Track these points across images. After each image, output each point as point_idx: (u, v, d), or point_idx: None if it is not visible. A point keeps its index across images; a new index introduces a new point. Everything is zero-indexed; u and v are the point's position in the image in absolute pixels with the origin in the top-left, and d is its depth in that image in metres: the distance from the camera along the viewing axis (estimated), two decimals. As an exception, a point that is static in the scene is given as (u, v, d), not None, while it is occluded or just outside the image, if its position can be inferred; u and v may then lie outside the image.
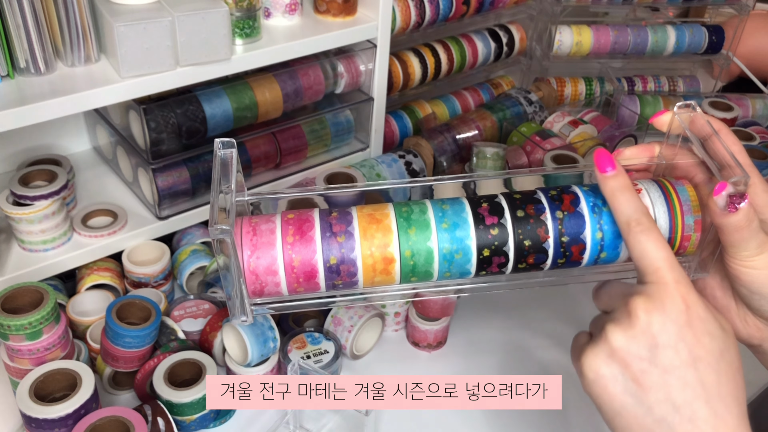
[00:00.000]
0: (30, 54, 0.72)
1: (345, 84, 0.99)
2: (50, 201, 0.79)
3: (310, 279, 0.53)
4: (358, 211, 0.54)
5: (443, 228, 0.53)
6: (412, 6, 1.13)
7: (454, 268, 0.53)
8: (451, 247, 0.52)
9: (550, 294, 0.98)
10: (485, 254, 0.53)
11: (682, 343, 0.44)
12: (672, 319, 0.44)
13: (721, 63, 1.47)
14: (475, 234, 0.52)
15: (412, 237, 0.52)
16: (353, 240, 0.52)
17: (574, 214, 0.52)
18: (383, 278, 0.54)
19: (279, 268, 0.52)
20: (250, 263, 0.52)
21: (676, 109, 0.54)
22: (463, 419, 0.78)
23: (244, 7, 0.82)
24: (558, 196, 0.53)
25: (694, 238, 0.53)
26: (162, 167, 0.86)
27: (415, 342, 0.88)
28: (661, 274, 0.45)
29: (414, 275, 0.54)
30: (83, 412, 0.65)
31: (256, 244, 0.52)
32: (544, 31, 1.35)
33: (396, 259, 0.52)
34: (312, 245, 0.52)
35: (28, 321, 0.66)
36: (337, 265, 0.52)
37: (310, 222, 0.53)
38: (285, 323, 0.86)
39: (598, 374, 0.46)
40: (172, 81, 0.78)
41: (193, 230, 0.95)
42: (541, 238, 0.52)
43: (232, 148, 0.55)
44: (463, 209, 0.54)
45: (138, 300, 0.76)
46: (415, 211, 0.54)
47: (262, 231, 0.52)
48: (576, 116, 1.23)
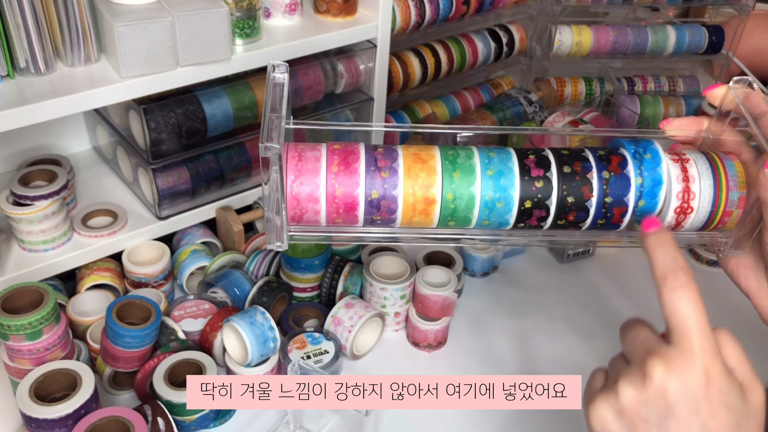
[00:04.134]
0: (30, 54, 0.72)
1: (345, 84, 0.99)
2: (50, 201, 0.79)
3: (350, 211, 0.52)
4: (404, 149, 0.54)
5: (488, 175, 0.52)
6: (412, 6, 1.13)
7: (493, 217, 0.53)
8: (493, 195, 0.52)
9: (550, 294, 0.98)
10: (527, 206, 0.52)
11: (695, 417, 0.42)
12: (689, 390, 0.42)
13: (721, 63, 1.47)
14: (519, 184, 0.52)
15: (456, 180, 0.52)
16: (397, 177, 0.52)
17: (620, 176, 0.52)
18: (421, 219, 0.53)
19: (321, 196, 0.52)
20: (293, 188, 0.51)
21: (732, 83, 0.54)
22: (464, 420, 0.78)
23: (244, 7, 0.82)
24: (606, 156, 0.53)
25: (735, 215, 0.52)
26: (162, 167, 0.86)
27: (415, 342, 0.88)
28: (688, 339, 0.42)
29: (452, 219, 0.53)
30: (83, 412, 0.65)
31: (301, 170, 0.52)
32: (544, 31, 1.35)
33: (437, 200, 0.52)
34: (356, 177, 0.52)
35: (28, 321, 0.66)
36: (378, 200, 0.52)
37: (355, 154, 0.53)
38: (285, 323, 0.86)
39: (605, 428, 0.44)
40: (172, 81, 0.78)
41: (193, 230, 0.95)
42: (584, 196, 0.52)
43: (286, 72, 0.54)
44: (510, 158, 0.53)
45: (138, 300, 0.76)
46: (461, 155, 0.53)
47: (308, 158, 0.52)
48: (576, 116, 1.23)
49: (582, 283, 1.00)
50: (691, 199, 0.53)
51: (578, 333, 0.91)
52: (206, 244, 0.95)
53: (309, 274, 0.89)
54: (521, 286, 0.99)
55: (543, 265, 1.03)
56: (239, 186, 0.95)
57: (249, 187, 0.96)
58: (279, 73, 0.54)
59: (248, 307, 0.82)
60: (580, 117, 1.24)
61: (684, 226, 0.55)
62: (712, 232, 0.56)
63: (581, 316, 0.94)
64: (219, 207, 0.93)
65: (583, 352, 0.88)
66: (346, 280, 0.89)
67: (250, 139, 0.93)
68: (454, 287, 0.85)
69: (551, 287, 0.99)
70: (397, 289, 0.86)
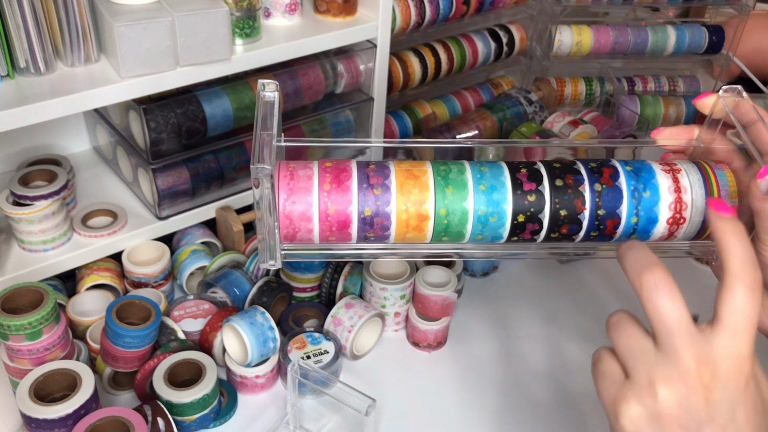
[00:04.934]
0: (30, 54, 0.72)
1: (345, 84, 0.99)
2: (50, 201, 0.79)
3: (343, 229, 0.52)
4: (396, 165, 0.54)
5: (480, 190, 0.52)
6: (412, 6, 1.12)
7: (486, 231, 0.53)
8: (486, 210, 0.52)
9: (550, 295, 0.98)
10: (520, 220, 0.52)
11: (731, 423, 0.42)
12: (730, 397, 0.42)
13: (721, 63, 1.47)
14: (512, 198, 0.52)
15: (449, 196, 0.52)
16: (389, 193, 0.52)
17: (612, 188, 0.52)
18: (415, 235, 0.53)
19: (313, 214, 0.52)
20: (285, 207, 0.51)
21: (721, 92, 0.54)
22: (464, 420, 0.78)
23: (244, 7, 0.82)
24: (597, 169, 0.53)
25: None
26: (162, 167, 0.85)
27: (415, 342, 0.88)
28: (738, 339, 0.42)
29: (446, 235, 0.53)
30: (83, 412, 0.65)
31: (293, 189, 0.52)
32: (544, 31, 1.35)
33: (430, 216, 0.52)
34: (348, 195, 0.52)
35: (28, 321, 0.66)
36: (372, 217, 0.52)
37: (347, 171, 0.53)
38: (285, 323, 0.86)
39: (638, 429, 0.43)
40: (172, 81, 0.78)
41: (193, 230, 0.95)
42: (577, 209, 0.52)
43: (276, 91, 0.54)
44: (502, 173, 0.53)
45: (138, 300, 0.76)
46: (453, 170, 0.53)
47: (300, 176, 0.52)
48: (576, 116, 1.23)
49: (582, 283, 1.00)
50: (683, 210, 0.53)
51: (578, 333, 0.91)
52: (206, 244, 0.95)
53: (309, 274, 0.89)
54: (521, 286, 0.99)
55: (543, 266, 1.03)
56: (239, 186, 0.95)
57: (249, 187, 0.96)
58: (269, 92, 0.54)
59: (248, 307, 0.82)
60: (580, 117, 1.24)
61: (677, 236, 0.55)
62: (704, 242, 0.56)
63: (581, 316, 0.94)
64: (219, 207, 0.93)
65: (583, 352, 0.88)
66: (346, 280, 0.89)
67: (250, 139, 0.93)
68: (454, 287, 0.85)
69: (551, 287, 0.99)
70: (397, 289, 0.86)
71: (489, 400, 0.81)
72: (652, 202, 0.53)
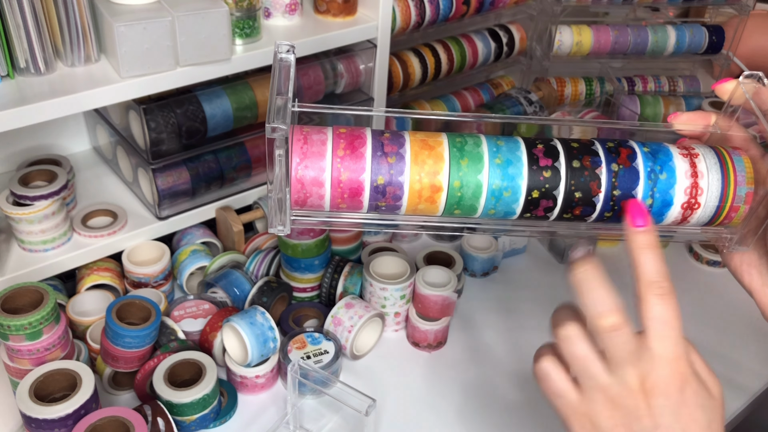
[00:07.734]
0: (30, 54, 0.72)
1: (345, 84, 0.99)
2: (50, 201, 0.79)
3: (355, 196, 0.52)
4: (411, 135, 0.53)
5: (496, 163, 0.51)
6: (412, 6, 1.12)
7: (499, 206, 0.52)
8: (501, 184, 0.51)
9: (550, 294, 0.98)
10: (534, 195, 0.52)
11: (677, 423, 0.43)
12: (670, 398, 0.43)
13: (721, 63, 1.47)
14: (527, 173, 0.51)
15: (464, 168, 0.51)
16: (403, 163, 0.51)
17: (629, 168, 0.52)
18: (427, 206, 0.52)
19: (326, 180, 0.51)
20: (298, 171, 0.51)
21: (742, 78, 0.53)
22: (464, 420, 0.78)
23: (244, 7, 0.82)
24: (615, 149, 0.53)
25: (742, 210, 0.52)
26: (162, 167, 0.85)
27: (415, 342, 0.88)
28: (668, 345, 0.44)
29: (458, 208, 0.53)
30: (83, 412, 0.65)
31: (306, 153, 0.51)
32: (544, 31, 1.35)
33: (444, 188, 0.51)
34: (362, 162, 0.51)
35: (28, 321, 0.66)
36: (384, 186, 0.51)
37: (362, 139, 0.52)
38: (285, 323, 0.86)
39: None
40: (172, 81, 0.78)
41: (193, 230, 0.95)
42: (592, 191, 0.52)
43: (292, 53, 0.53)
44: (518, 147, 0.52)
45: (138, 300, 0.76)
46: (469, 142, 0.52)
47: (313, 141, 0.51)
48: (576, 116, 1.23)
49: (582, 283, 1.00)
50: (698, 195, 0.53)
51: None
52: (206, 244, 0.95)
53: (309, 274, 0.89)
54: (521, 286, 0.99)
55: (543, 265, 1.03)
56: (239, 186, 0.95)
57: (249, 187, 0.96)
58: (286, 54, 0.53)
59: (248, 307, 0.82)
60: (580, 117, 1.25)
61: (690, 221, 0.54)
62: (717, 228, 0.56)
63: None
64: (219, 207, 0.93)
65: (583, 352, 0.88)
66: (346, 280, 0.89)
67: (250, 139, 0.93)
68: (454, 287, 0.85)
69: (551, 287, 0.99)
70: (397, 289, 0.86)
71: (489, 400, 0.81)
72: (669, 185, 0.52)
